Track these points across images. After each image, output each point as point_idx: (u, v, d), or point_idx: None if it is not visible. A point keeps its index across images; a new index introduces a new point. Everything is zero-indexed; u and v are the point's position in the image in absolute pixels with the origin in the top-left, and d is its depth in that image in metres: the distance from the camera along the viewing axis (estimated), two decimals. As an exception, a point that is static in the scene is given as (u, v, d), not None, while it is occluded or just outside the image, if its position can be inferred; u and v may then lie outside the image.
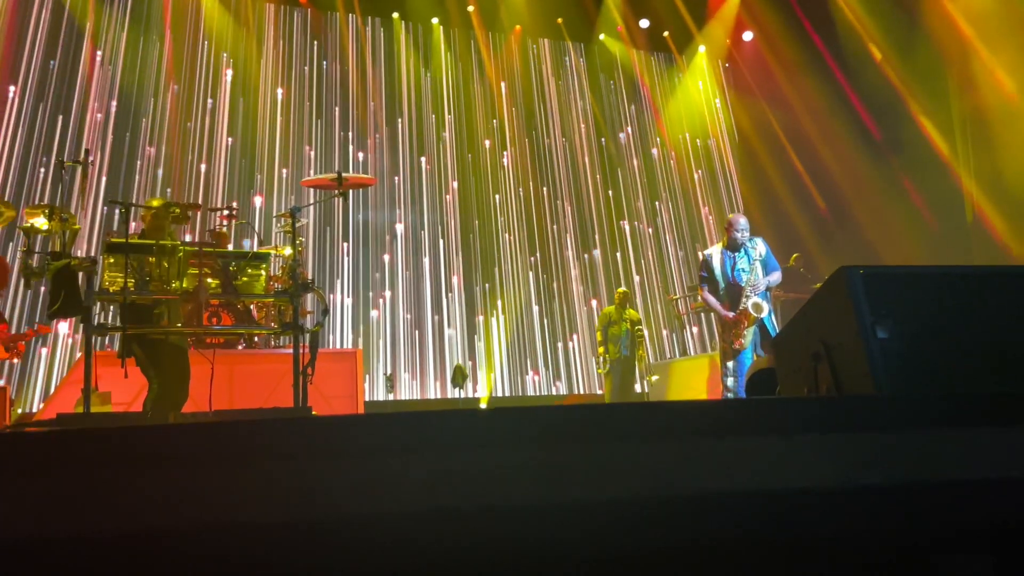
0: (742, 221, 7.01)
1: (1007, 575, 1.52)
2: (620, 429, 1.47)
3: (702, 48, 14.44)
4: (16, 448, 1.47)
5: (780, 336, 2.71)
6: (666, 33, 14.20)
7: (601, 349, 10.15)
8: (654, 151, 14.28)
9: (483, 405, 11.75)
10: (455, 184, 12.80)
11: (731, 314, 6.77)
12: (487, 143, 13.17)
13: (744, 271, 6.82)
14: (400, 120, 12.75)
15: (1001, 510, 1.48)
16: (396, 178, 12.50)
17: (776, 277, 6.95)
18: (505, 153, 13.24)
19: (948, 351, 2.00)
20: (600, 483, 1.40)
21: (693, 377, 9.72)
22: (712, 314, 11.98)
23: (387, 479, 1.36)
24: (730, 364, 6.82)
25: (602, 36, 14.22)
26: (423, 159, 12.73)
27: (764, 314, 6.71)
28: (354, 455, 1.37)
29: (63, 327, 9.50)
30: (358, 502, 1.34)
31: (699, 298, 7.07)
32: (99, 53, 11.16)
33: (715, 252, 7.02)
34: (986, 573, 1.51)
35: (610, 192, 13.75)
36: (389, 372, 11.17)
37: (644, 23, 13.88)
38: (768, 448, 1.45)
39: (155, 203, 5.56)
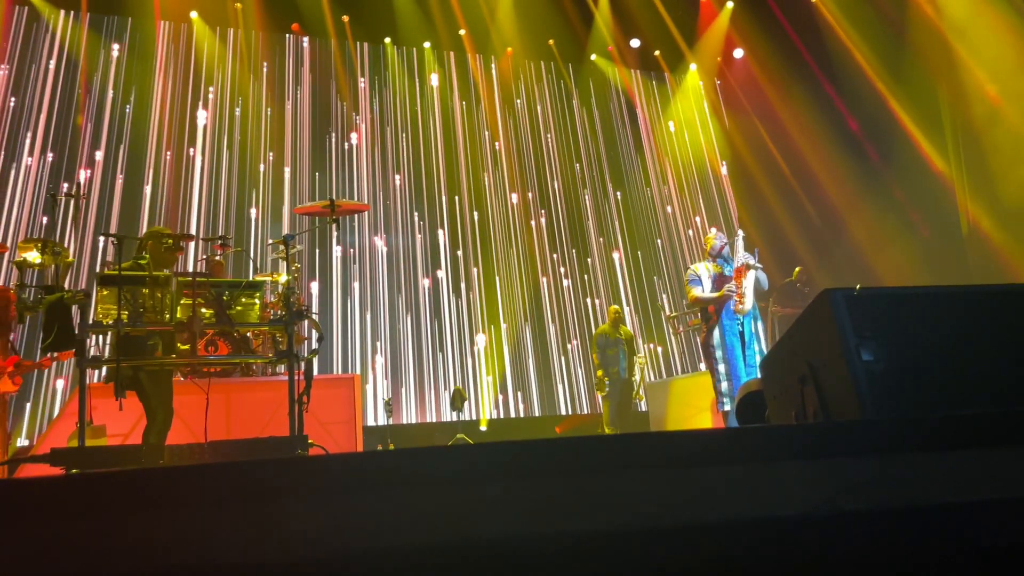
0: (719, 233, 7.28)
1: (997, 598, 1.51)
2: (603, 460, 1.47)
3: (693, 66, 14.53)
4: (12, 493, 1.46)
5: (768, 358, 2.70)
6: (657, 52, 14.29)
7: (600, 372, 10.09)
8: (648, 169, 14.32)
9: (483, 428, 11.72)
10: (447, 204, 12.83)
11: (730, 284, 6.84)
12: (481, 164, 13.21)
13: (731, 271, 6.97)
14: (393, 144, 12.80)
15: (988, 533, 1.47)
16: (390, 202, 12.54)
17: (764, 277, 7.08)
18: (499, 174, 13.27)
19: (934, 372, 2.00)
20: (583, 515, 1.40)
21: (693, 395, 9.69)
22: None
23: (367, 516, 1.36)
24: (721, 368, 6.88)
25: (593, 56, 14.31)
26: (417, 182, 12.77)
27: (758, 266, 6.82)
28: (334, 493, 1.37)
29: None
30: (338, 540, 1.33)
31: (691, 298, 7.16)
32: (93, 83, 11.22)
33: (700, 264, 7.20)
34: (975, 596, 1.50)
35: (601, 209, 13.78)
36: (388, 397, 11.14)
37: (635, 43, 13.96)
38: (751, 477, 1.44)
39: (165, 232, 5.62)
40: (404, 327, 12.05)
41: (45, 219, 10.15)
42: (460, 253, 12.70)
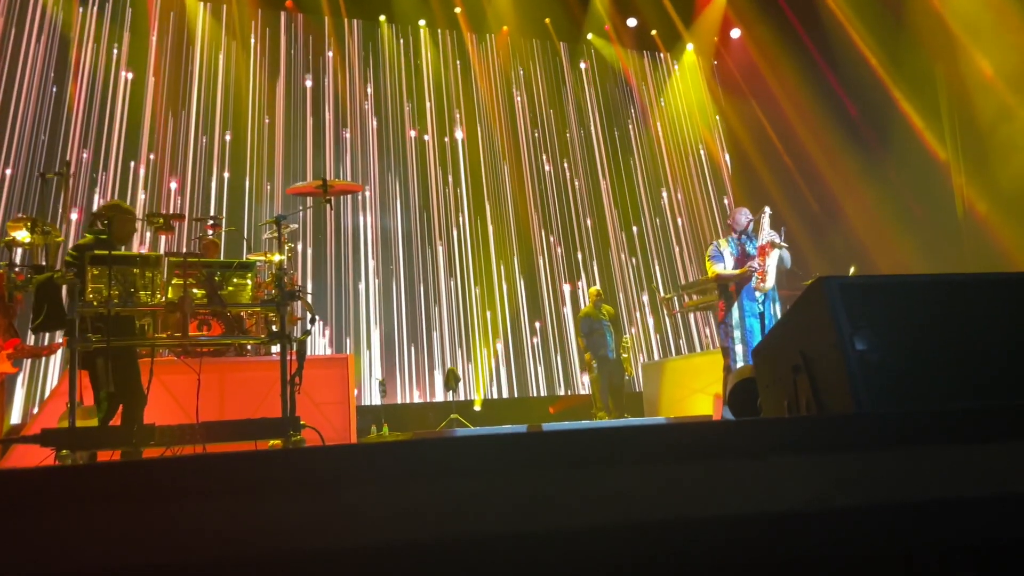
0: (744, 209, 7.23)
1: (990, 592, 1.50)
2: (596, 454, 1.44)
3: (690, 46, 14.43)
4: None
5: (760, 346, 2.67)
6: (654, 32, 14.18)
7: (588, 356, 10.03)
8: (643, 150, 14.26)
9: (477, 408, 11.72)
10: (441, 184, 12.77)
11: (753, 261, 6.78)
12: (476, 143, 13.13)
13: (755, 249, 6.90)
14: (388, 123, 12.71)
15: (982, 528, 1.46)
16: (385, 182, 12.47)
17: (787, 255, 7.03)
18: (493, 153, 13.20)
19: (929, 362, 1.97)
20: (576, 510, 1.37)
21: (687, 376, 9.69)
22: (707, 312, 12.06)
23: (357, 511, 1.33)
24: (738, 349, 6.81)
25: (590, 35, 14.20)
26: (412, 161, 12.70)
27: (784, 245, 6.82)
28: (321, 487, 1.34)
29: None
30: (325, 536, 1.31)
31: (711, 274, 7.12)
32: (85, 61, 11.10)
33: (722, 241, 7.15)
34: (968, 591, 1.48)
35: (599, 189, 13.73)
36: (382, 377, 11.12)
37: (632, 22, 13.85)
38: (744, 471, 1.42)
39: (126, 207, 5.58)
40: (399, 307, 12.03)
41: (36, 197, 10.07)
42: (455, 230, 12.67)
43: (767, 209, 7.06)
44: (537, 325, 12.71)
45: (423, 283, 12.23)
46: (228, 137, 11.71)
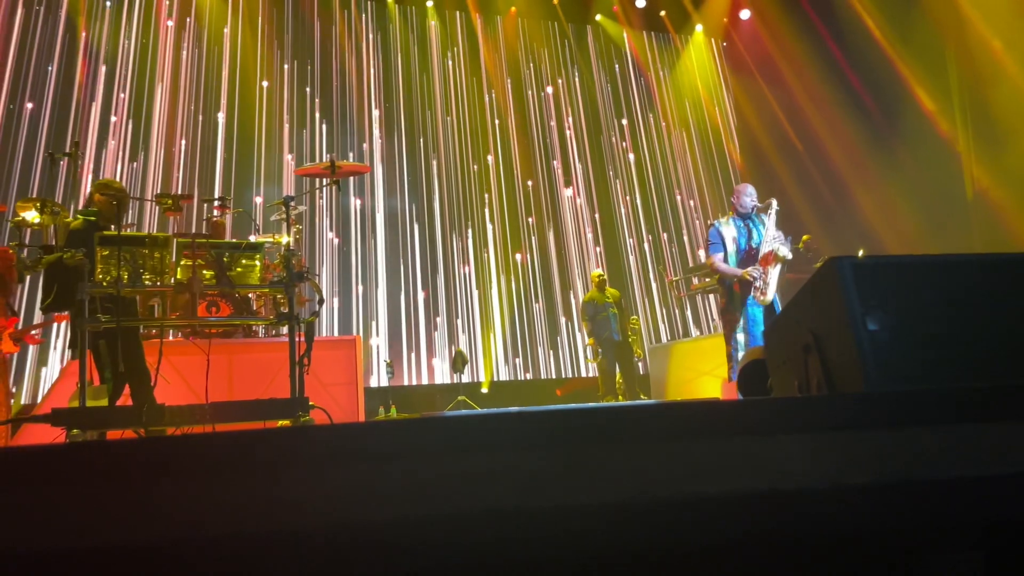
0: (750, 187, 6.70)
1: (997, 570, 1.50)
2: (602, 432, 1.45)
3: (699, 27, 14.33)
4: (11, 461, 1.46)
5: (771, 326, 2.67)
6: (663, 12, 14.09)
7: (591, 340, 9.99)
8: (652, 132, 14.20)
9: (484, 390, 11.75)
10: (451, 166, 12.74)
11: (755, 268, 6.32)
12: (483, 125, 13.08)
13: (761, 237, 6.50)
14: (396, 104, 12.67)
15: (992, 507, 1.46)
16: (393, 163, 12.45)
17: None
18: (501, 135, 13.16)
19: (939, 342, 1.97)
20: (581, 487, 1.38)
21: (694, 359, 9.68)
22: (712, 295, 12.03)
23: (364, 487, 1.34)
24: (740, 337, 6.51)
25: (598, 16, 14.12)
26: (419, 143, 12.66)
27: (788, 257, 6.36)
28: (331, 464, 1.35)
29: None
30: (338, 511, 1.32)
31: (709, 262, 6.69)
32: (85, 36, 11.08)
33: (724, 221, 6.66)
34: (976, 570, 1.49)
35: (609, 173, 13.69)
36: (389, 359, 11.15)
37: (641, 2, 13.75)
38: (752, 449, 1.42)
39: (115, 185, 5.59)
40: (407, 289, 12.04)
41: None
42: (463, 211, 12.65)
43: (774, 203, 6.55)
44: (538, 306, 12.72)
45: (432, 261, 12.24)
46: (236, 119, 11.68)
